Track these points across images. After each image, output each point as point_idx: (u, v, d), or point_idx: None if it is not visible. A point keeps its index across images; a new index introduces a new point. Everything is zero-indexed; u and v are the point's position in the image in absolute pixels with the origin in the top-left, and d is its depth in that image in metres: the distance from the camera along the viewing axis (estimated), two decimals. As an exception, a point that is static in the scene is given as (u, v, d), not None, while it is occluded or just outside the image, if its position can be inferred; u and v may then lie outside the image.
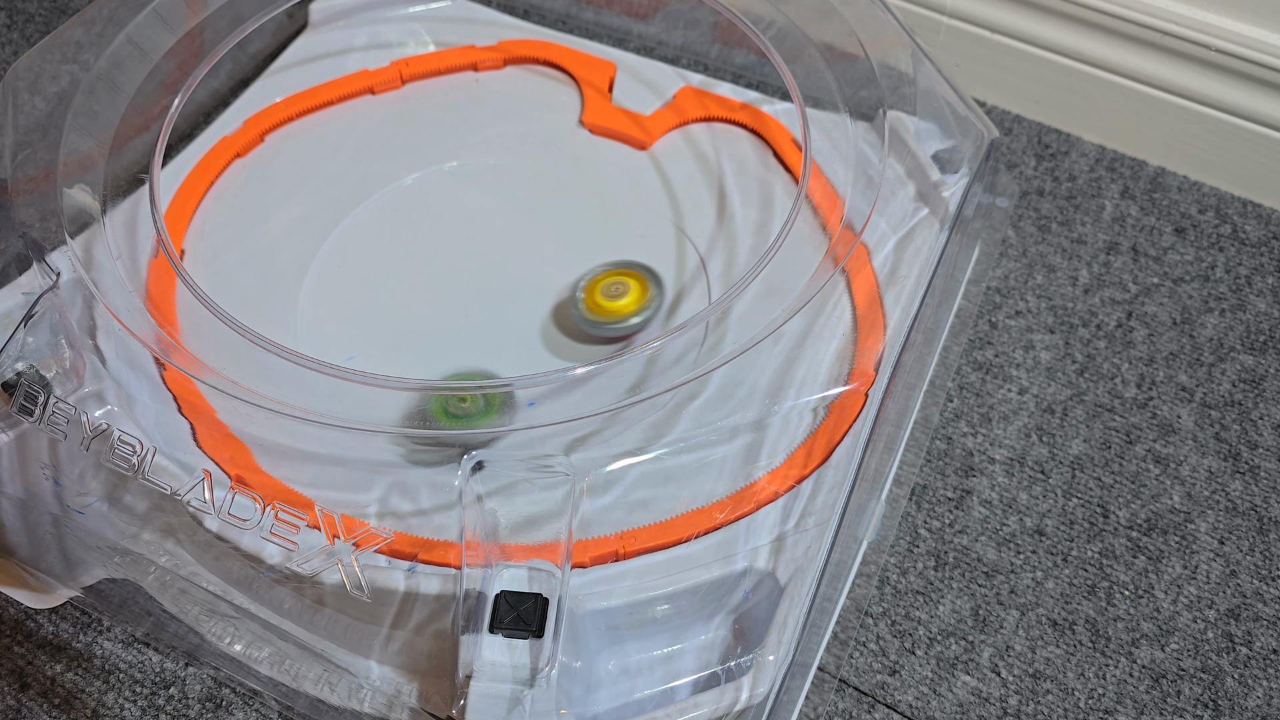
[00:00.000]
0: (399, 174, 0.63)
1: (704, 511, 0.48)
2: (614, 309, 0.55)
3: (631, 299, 0.55)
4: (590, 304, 0.56)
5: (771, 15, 0.61)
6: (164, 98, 0.57)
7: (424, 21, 0.71)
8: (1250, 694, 0.55)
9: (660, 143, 0.65)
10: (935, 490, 0.61)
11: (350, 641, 0.48)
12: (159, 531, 0.50)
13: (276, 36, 0.76)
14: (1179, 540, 0.60)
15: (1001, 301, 0.70)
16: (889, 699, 0.55)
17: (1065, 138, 0.79)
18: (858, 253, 0.56)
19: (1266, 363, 0.67)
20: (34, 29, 0.84)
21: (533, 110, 0.67)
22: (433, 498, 0.48)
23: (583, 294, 0.56)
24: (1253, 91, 0.72)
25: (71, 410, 0.46)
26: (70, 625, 0.55)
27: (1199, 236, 0.73)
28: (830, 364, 0.53)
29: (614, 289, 0.56)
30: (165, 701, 0.53)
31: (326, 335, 0.56)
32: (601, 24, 0.81)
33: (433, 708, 0.47)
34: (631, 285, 0.56)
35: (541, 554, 0.45)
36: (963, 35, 0.79)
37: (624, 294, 0.56)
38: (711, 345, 0.54)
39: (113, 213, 0.58)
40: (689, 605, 0.47)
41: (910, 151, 0.59)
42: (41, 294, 0.49)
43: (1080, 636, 0.57)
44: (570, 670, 0.44)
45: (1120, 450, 0.63)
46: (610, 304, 0.55)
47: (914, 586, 0.58)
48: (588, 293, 0.56)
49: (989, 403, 0.65)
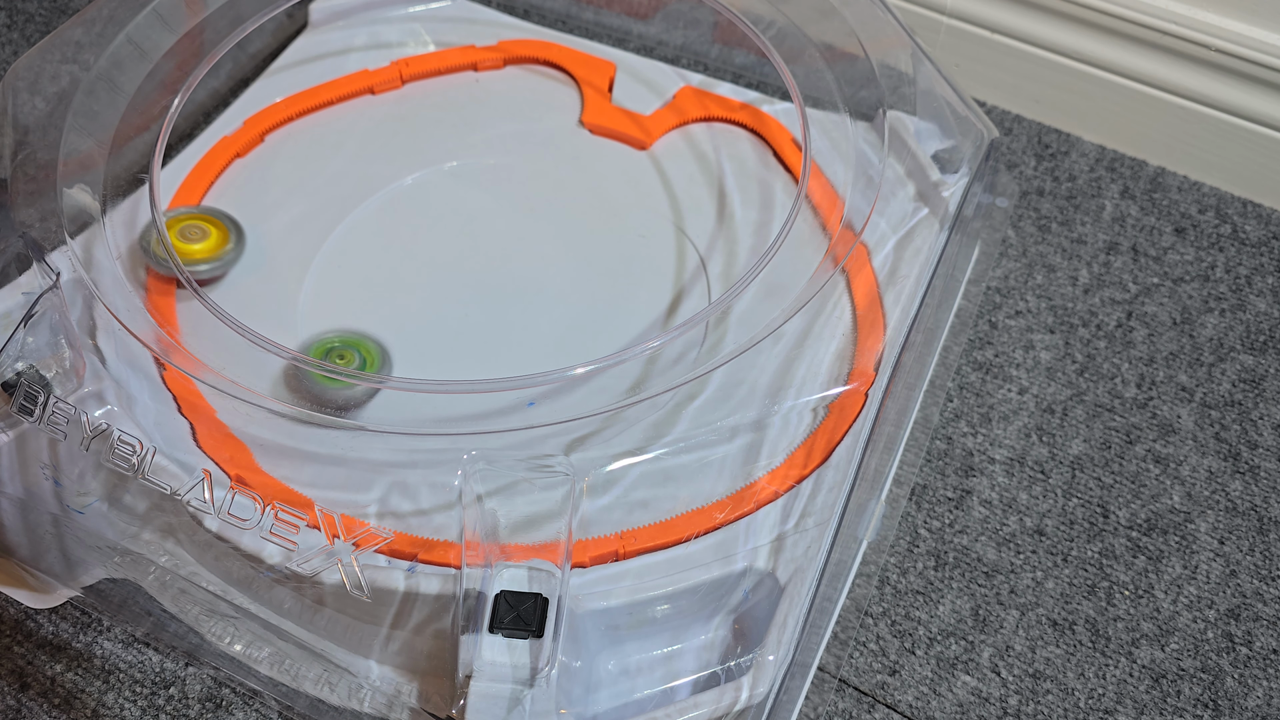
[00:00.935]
0: (399, 174, 0.63)
1: (704, 511, 0.48)
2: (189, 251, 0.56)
3: (209, 244, 0.56)
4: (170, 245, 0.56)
5: (771, 15, 0.61)
6: (164, 98, 0.57)
7: (424, 21, 0.71)
8: (1250, 694, 0.55)
9: (660, 143, 0.65)
10: (935, 490, 0.61)
11: (350, 641, 0.48)
12: (159, 531, 0.50)
13: (276, 36, 0.76)
14: (1179, 540, 0.60)
15: (1001, 301, 0.70)
16: (889, 699, 0.55)
17: (1065, 138, 0.79)
18: (858, 253, 0.56)
19: (1266, 363, 0.67)
20: (34, 29, 0.84)
21: (533, 110, 0.67)
22: (432, 498, 0.48)
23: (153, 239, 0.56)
24: (1253, 91, 0.72)
25: (71, 410, 0.46)
26: (70, 625, 0.55)
27: (1199, 236, 0.73)
28: (830, 364, 0.53)
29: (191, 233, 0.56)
30: (165, 701, 0.53)
31: (326, 335, 0.56)
32: (601, 24, 0.81)
33: (433, 708, 0.47)
34: (211, 231, 0.57)
35: (541, 554, 0.44)
36: (963, 35, 0.79)
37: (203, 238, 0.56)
38: (711, 345, 0.54)
39: (113, 213, 0.58)
40: (689, 605, 0.47)
41: (910, 151, 0.59)
42: (41, 294, 0.49)
43: (1080, 636, 0.57)
44: (570, 670, 0.44)
45: (1120, 450, 0.63)
46: (186, 246, 0.56)
47: (914, 586, 0.58)
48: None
49: (989, 403, 0.65)
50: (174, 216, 0.57)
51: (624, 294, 0.58)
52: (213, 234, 0.56)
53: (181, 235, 0.56)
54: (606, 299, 0.58)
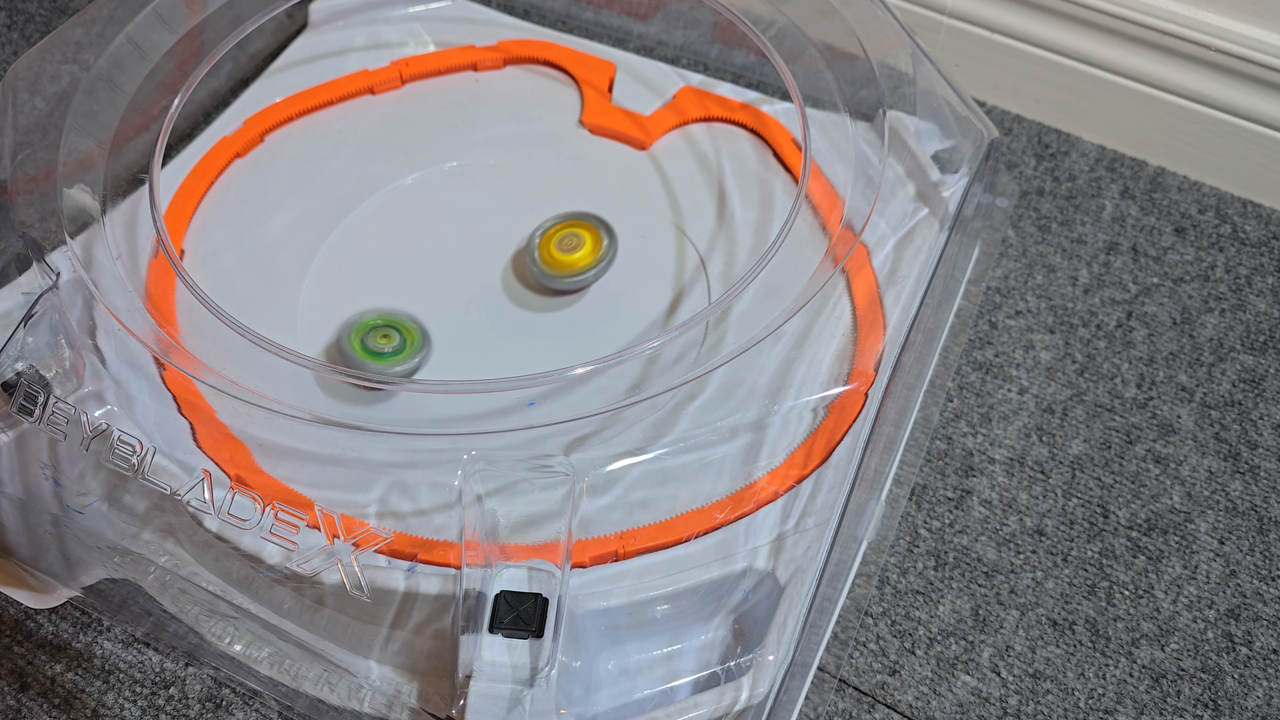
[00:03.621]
0: (399, 174, 0.63)
1: (704, 511, 0.48)
2: (569, 262, 0.56)
3: (586, 251, 0.56)
4: (546, 257, 0.57)
5: (771, 15, 0.61)
6: (164, 98, 0.57)
7: (424, 21, 0.71)
8: (1250, 694, 0.55)
9: (660, 143, 0.65)
10: (935, 490, 0.61)
11: (350, 641, 0.48)
12: (159, 531, 0.50)
13: (276, 36, 0.76)
14: (1179, 540, 0.60)
15: (1001, 301, 0.70)
16: (889, 699, 0.55)
17: (1065, 138, 0.79)
18: (858, 253, 0.56)
19: (1266, 363, 0.67)
20: (34, 29, 0.84)
21: (533, 110, 0.67)
22: (432, 498, 0.48)
23: (537, 248, 0.57)
24: (1253, 91, 0.72)
25: (71, 410, 0.46)
26: (70, 625, 0.55)
27: (1199, 236, 0.73)
28: (830, 364, 0.53)
29: (568, 242, 0.56)
30: (165, 701, 0.53)
31: (326, 335, 0.56)
32: (601, 24, 0.81)
33: (432, 708, 0.47)
34: (585, 238, 0.57)
35: (541, 554, 0.44)
36: (963, 35, 0.79)
37: (579, 247, 0.56)
38: (711, 345, 0.54)
39: (113, 213, 0.58)
40: (689, 605, 0.47)
41: (910, 151, 0.59)
42: (41, 294, 0.49)
43: (1080, 636, 0.57)
44: (570, 670, 0.44)
45: (1120, 450, 0.63)
46: (565, 257, 0.56)
47: (914, 586, 0.58)
48: (542, 247, 0.57)
49: (989, 403, 0.65)
50: (547, 230, 0.58)
51: (624, 294, 0.58)
52: (586, 240, 0.57)
53: (560, 246, 0.56)
54: (606, 299, 0.58)
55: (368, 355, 0.53)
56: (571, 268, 0.56)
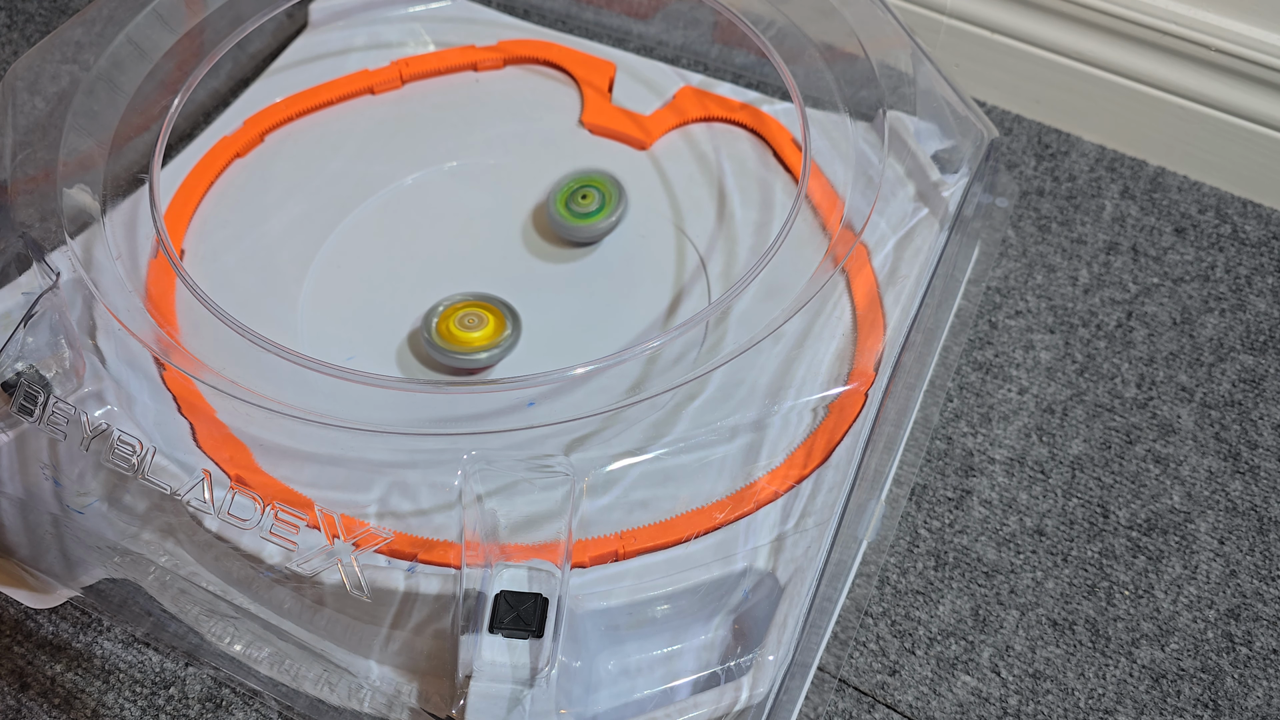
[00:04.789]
0: (399, 174, 0.63)
1: (704, 511, 0.48)
2: (467, 340, 0.54)
3: (487, 332, 0.54)
4: (444, 332, 0.54)
5: (771, 15, 0.61)
6: (164, 98, 0.57)
7: (424, 21, 0.71)
8: (1250, 694, 0.55)
9: (660, 143, 0.65)
10: (935, 490, 0.61)
11: (350, 641, 0.48)
12: (159, 531, 0.50)
13: (276, 36, 0.76)
14: (1179, 540, 0.60)
15: (1001, 301, 0.70)
16: (889, 699, 0.55)
17: (1065, 138, 0.79)
18: (858, 253, 0.56)
19: (1266, 363, 0.67)
20: (34, 29, 0.84)
21: (533, 110, 0.67)
22: (432, 498, 0.48)
23: (436, 323, 0.55)
24: (1253, 91, 0.72)
25: (71, 410, 0.46)
26: (70, 625, 0.55)
27: (1199, 236, 0.73)
28: (830, 364, 0.53)
29: (469, 321, 0.55)
30: (165, 701, 0.53)
31: (326, 335, 0.56)
32: (601, 24, 0.81)
33: (432, 708, 0.47)
34: (489, 319, 0.55)
35: (541, 554, 0.44)
36: (963, 35, 0.79)
37: (479, 326, 0.54)
38: (711, 345, 0.54)
39: (113, 213, 0.58)
40: (689, 605, 0.47)
41: (910, 151, 0.59)
42: (41, 294, 0.49)
43: (1080, 636, 0.57)
44: (570, 670, 0.44)
45: (1120, 450, 0.63)
46: (464, 335, 0.54)
47: (914, 586, 0.58)
48: (441, 320, 0.55)
49: (989, 403, 0.65)
50: (453, 304, 0.56)
51: (624, 294, 0.58)
52: (490, 321, 0.55)
53: (459, 324, 0.54)
54: (607, 299, 0.58)
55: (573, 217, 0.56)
56: (468, 346, 0.54)
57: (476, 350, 0.54)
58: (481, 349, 0.54)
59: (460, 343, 0.54)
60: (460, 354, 0.54)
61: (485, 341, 0.54)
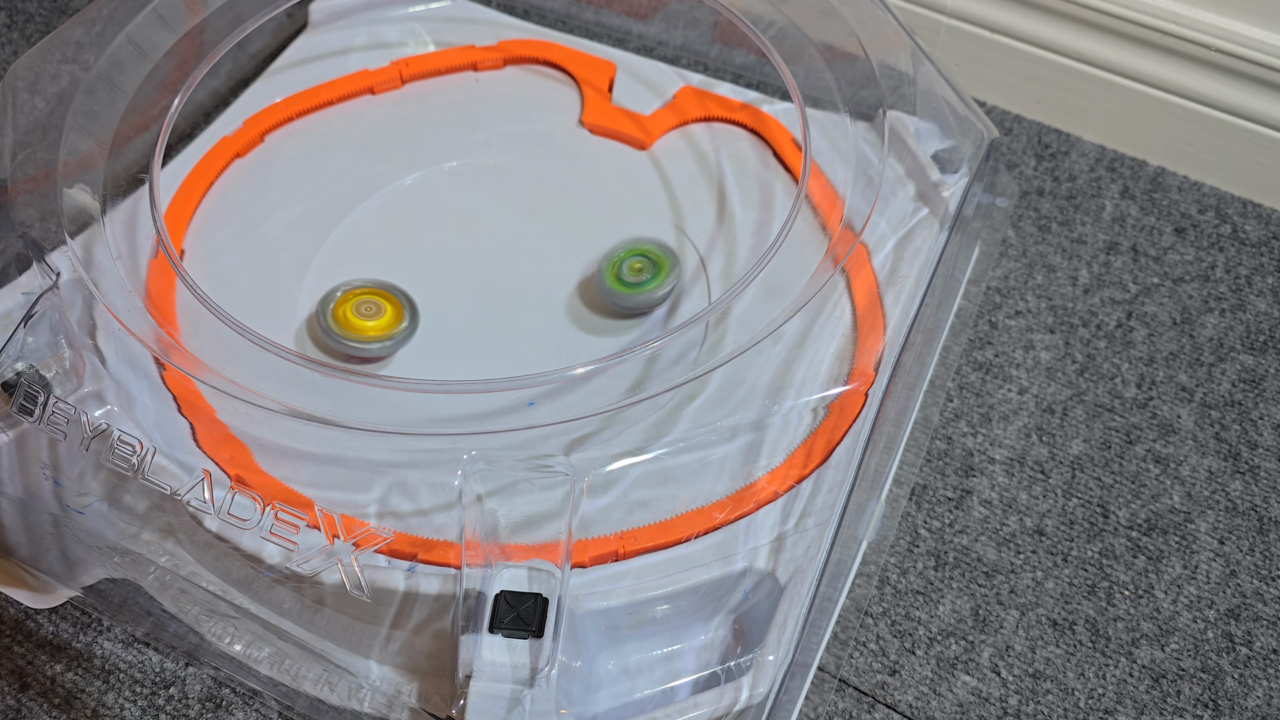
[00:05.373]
0: (399, 174, 0.63)
1: (704, 511, 0.48)
2: (363, 328, 0.53)
3: (385, 320, 0.54)
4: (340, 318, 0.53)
5: (771, 15, 0.61)
6: (164, 98, 0.57)
7: (424, 21, 0.71)
8: (1250, 694, 0.55)
9: (660, 143, 0.65)
10: (935, 490, 0.61)
11: (350, 641, 0.48)
12: (159, 531, 0.50)
13: (276, 36, 0.76)
14: (1179, 540, 0.60)
15: (1001, 301, 0.70)
16: (889, 699, 0.55)
17: (1065, 138, 0.79)
18: (858, 253, 0.56)
19: (1266, 363, 0.67)
20: (34, 29, 0.84)
21: (533, 110, 0.67)
22: (432, 498, 0.48)
23: (333, 307, 0.54)
24: (1253, 91, 0.72)
25: (71, 410, 0.46)
26: (70, 625, 0.55)
27: (1199, 236, 0.73)
28: (830, 364, 0.53)
29: (367, 309, 0.54)
30: (165, 701, 0.53)
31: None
32: (601, 24, 0.81)
33: (432, 708, 0.47)
34: (386, 307, 0.54)
35: (541, 554, 0.44)
36: (963, 35, 0.79)
37: (378, 314, 0.54)
38: (711, 345, 0.54)
39: (113, 213, 0.58)
40: (689, 605, 0.47)
41: (910, 151, 0.59)
42: (41, 294, 0.49)
43: (1080, 636, 0.57)
44: (570, 670, 0.44)
45: (1120, 450, 0.63)
46: (361, 323, 0.53)
47: (914, 586, 0.58)
48: (339, 305, 0.54)
49: (989, 403, 0.65)
50: (350, 290, 0.55)
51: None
52: (388, 311, 0.54)
53: (357, 311, 0.54)
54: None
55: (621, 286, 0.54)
56: (364, 334, 0.53)
57: (370, 340, 0.53)
58: (375, 339, 0.53)
59: (356, 330, 0.53)
60: (354, 342, 0.53)
61: (379, 332, 0.54)
